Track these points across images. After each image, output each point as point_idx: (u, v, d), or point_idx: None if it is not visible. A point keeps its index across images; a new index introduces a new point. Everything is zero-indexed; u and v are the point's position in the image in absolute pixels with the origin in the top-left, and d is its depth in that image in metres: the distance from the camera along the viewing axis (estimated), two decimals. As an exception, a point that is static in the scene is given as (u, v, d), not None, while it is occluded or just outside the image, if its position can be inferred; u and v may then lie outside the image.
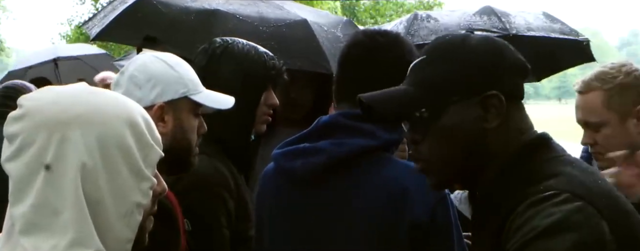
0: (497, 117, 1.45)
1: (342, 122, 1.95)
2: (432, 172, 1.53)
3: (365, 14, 23.24)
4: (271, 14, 3.78)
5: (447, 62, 1.48)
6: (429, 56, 1.52)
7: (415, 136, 1.51)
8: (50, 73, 7.64)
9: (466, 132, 1.46)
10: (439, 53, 1.52)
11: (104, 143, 1.17)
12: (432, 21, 4.55)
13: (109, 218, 1.17)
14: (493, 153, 1.47)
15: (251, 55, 2.33)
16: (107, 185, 1.17)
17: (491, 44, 1.51)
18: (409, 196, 1.86)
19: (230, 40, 2.39)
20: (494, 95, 1.45)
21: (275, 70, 2.35)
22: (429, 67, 1.50)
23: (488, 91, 1.45)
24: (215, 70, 2.30)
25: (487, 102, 1.45)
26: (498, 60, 1.48)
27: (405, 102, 1.50)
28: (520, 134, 1.48)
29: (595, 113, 2.33)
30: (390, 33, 2.06)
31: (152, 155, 1.24)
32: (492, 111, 1.45)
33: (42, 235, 1.13)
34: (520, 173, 1.43)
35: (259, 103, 2.32)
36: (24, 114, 1.18)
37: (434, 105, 1.47)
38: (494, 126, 1.46)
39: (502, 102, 1.45)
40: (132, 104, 1.26)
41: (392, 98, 1.54)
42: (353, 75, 2.00)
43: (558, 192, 1.34)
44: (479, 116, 1.46)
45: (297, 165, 1.95)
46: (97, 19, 3.99)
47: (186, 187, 2.10)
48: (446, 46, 1.52)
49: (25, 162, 1.15)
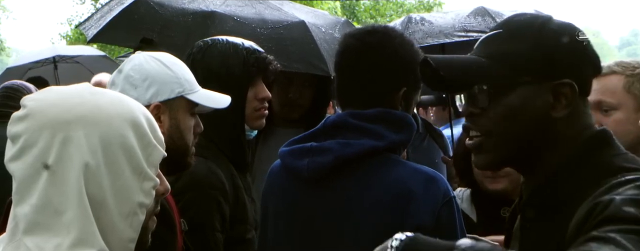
0: (566, 106, 1.40)
1: (349, 122, 1.94)
2: (488, 149, 1.46)
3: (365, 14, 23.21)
4: (269, 16, 3.77)
5: (524, 39, 1.41)
6: (506, 31, 1.45)
7: (473, 108, 1.45)
8: (49, 74, 7.64)
9: (532, 115, 1.40)
10: (517, 29, 1.45)
11: (106, 143, 1.17)
12: (426, 24, 4.51)
13: (112, 218, 1.18)
14: (555, 143, 1.41)
15: (228, 54, 2.32)
16: (110, 185, 1.17)
17: (572, 32, 1.44)
18: (414, 198, 1.85)
19: (210, 41, 2.38)
20: (568, 84, 1.39)
21: (257, 65, 2.33)
22: (505, 42, 1.43)
23: (563, 78, 1.39)
24: (195, 75, 2.28)
25: (559, 89, 1.39)
26: (578, 48, 1.42)
27: (476, 71, 1.43)
28: (585, 128, 1.42)
29: (614, 94, 2.30)
30: (378, 30, 2.05)
31: (154, 154, 1.24)
32: (562, 100, 1.40)
33: (46, 234, 1.14)
34: (590, 166, 1.37)
35: (244, 99, 2.31)
36: (27, 114, 1.18)
37: (505, 81, 1.41)
38: (560, 116, 1.40)
39: (574, 92, 1.39)
40: (135, 104, 1.26)
41: (463, 65, 1.46)
42: (351, 80, 2.00)
43: (636, 178, 1.27)
44: (547, 102, 1.40)
45: (304, 164, 1.95)
46: (93, 20, 3.98)
47: (181, 189, 2.10)
48: (525, 23, 1.45)
49: (28, 162, 1.16)
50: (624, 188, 1.24)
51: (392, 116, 1.94)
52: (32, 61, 8.22)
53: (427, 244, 1.18)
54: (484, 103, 1.43)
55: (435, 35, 4.34)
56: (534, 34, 1.42)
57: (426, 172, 1.91)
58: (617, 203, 1.21)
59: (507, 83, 1.41)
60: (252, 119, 2.36)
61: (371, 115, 1.92)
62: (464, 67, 1.46)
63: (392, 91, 1.95)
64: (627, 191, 1.23)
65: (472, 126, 1.48)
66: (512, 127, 1.41)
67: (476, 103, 1.45)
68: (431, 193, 1.84)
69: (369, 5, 23.71)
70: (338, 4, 20.83)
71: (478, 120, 1.45)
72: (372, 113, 1.92)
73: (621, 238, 1.14)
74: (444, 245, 1.18)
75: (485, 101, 1.43)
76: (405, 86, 1.95)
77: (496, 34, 1.46)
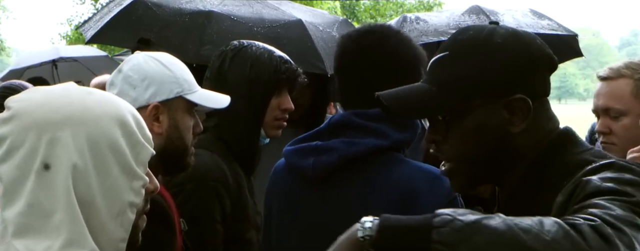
0: (523, 120, 1.38)
1: (354, 121, 1.94)
2: (457, 175, 1.46)
3: (365, 14, 23.19)
4: (266, 15, 3.78)
5: (469, 62, 1.40)
6: (451, 53, 1.43)
7: (435, 136, 1.45)
8: (48, 75, 7.64)
9: (491, 136, 1.39)
10: (462, 50, 1.43)
11: (94, 143, 1.16)
12: (421, 23, 4.50)
13: (102, 218, 1.17)
14: (520, 155, 1.40)
15: (262, 60, 2.32)
16: (99, 185, 1.16)
17: (517, 41, 1.41)
18: (419, 197, 1.85)
19: (246, 43, 2.39)
20: (521, 99, 1.37)
21: (287, 74, 2.34)
22: (451, 66, 1.42)
23: (514, 94, 1.37)
24: (225, 74, 2.31)
25: (513, 105, 1.38)
26: (524, 58, 1.39)
27: (426, 103, 1.43)
28: (548, 133, 1.42)
29: (621, 100, 2.27)
30: (375, 31, 2.04)
31: (143, 153, 1.23)
32: (518, 114, 1.38)
33: (35, 236, 1.13)
34: (556, 166, 1.37)
35: (266, 107, 2.32)
36: (13, 116, 1.17)
37: (456, 108, 1.40)
38: (518, 130, 1.39)
39: (528, 105, 1.38)
40: (122, 103, 1.25)
41: (411, 99, 1.46)
42: (351, 82, 2.00)
43: (613, 161, 1.27)
44: (503, 119, 1.39)
45: (308, 163, 1.94)
46: (92, 21, 4.00)
47: (182, 179, 2.11)
48: (469, 42, 1.43)
49: (15, 164, 1.15)
50: (601, 173, 1.25)
51: (391, 114, 1.94)
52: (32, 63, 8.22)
53: (399, 219, 1.21)
54: (444, 130, 1.43)
55: (431, 33, 4.33)
56: (477, 52, 1.40)
57: (431, 170, 1.91)
58: (596, 181, 1.22)
59: (461, 109, 1.39)
60: (271, 128, 2.36)
61: (375, 115, 1.92)
62: (413, 101, 1.45)
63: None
64: (604, 174, 1.24)
65: (438, 154, 1.48)
66: (474, 150, 1.41)
67: (437, 131, 1.45)
68: (436, 192, 1.84)
69: (369, 5, 23.69)
70: (338, 3, 20.81)
71: (441, 147, 1.45)
72: (376, 113, 1.92)
73: (607, 203, 1.16)
74: (418, 217, 1.20)
75: (445, 128, 1.42)
76: (401, 85, 1.96)
77: (442, 57, 1.45)
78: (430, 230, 1.15)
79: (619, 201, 1.16)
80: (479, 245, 1.12)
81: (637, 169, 1.25)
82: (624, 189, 1.18)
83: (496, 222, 1.13)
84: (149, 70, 1.92)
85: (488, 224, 1.13)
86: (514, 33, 1.44)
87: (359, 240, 1.22)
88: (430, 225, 1.16)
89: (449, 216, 1.16)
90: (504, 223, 1.13)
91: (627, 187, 1.19)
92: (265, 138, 2.41)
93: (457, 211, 1.18)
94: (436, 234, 1.14)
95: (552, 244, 1.09)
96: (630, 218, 1.13)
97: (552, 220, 1.13)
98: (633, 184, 1.21)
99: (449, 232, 1.14)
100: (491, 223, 1.13)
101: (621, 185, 1.20)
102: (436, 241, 1.14)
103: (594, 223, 1.12)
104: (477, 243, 1.12)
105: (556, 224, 1.12)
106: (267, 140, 2.43)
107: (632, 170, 1.25)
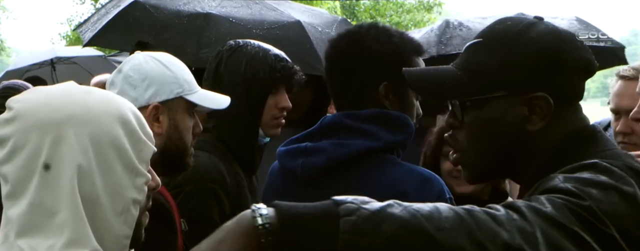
0: (542, 119, 1.35)
1: (345, 122, 1.94)
2: (467, 165, 1.44)
3: (365, 14, 23.18)
4: (265, 16, 3.77)
5: (500, 52, 1.37)
6: (485, 40, 1.41)
7: (454, 121, 1.43)
8: (47, 75, 7.64)
9: (507, 130, 1.37)
10: (494, 39, 1.40)
11: (97, 142, 1.17)
12: (464, 29, 4.33)
13: (106, 216, 1.17)
14: (535, 153, 1.37)
15: (257, 58, 2.32)
16: (102, 184, 1.17)
17: (552, 39, 1.37)
18: (408, 200, 1.81)
19: (242, 42, 2.39)
20: (542, 98, 1.34)
21: (283, 72, 2.33)
22: (481, 53, 1.39)
23: (536, 91, 1.34)
24: (222, 74, 2.31)
25: (533, 102, 1.35)
26: (554, 57, 1.35)
27: (449, 86, 1.40)
28: (568, 134, 1.37)
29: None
30: (351, 32, 2.03)
31: (145, 150, 1.24)
32: (537, 112, 1.35)
33: (39, 236, 1.13)
34: (559, 169, 1.32)
35: (263, 106, 2.32)
36: (15, 116, 1.17)
37: (477, 95, 1.37)
38: (537, 129, 1.36)
39: (549, 105, 1.34)
40: (122, 101, 1.26)
41: (435, 79, 1.43)
42: (334, 85, 2.01)
43: (595, 162, 1.24)
44: (522, 115, 1.36)
45: (298, 165, 1.95)
46: (90, 23, 3.98)
47: (181, 181, 2.12)
48: (503, 32, 1.39)
49: (19, 165, 1.15)
50: (578, 173, 1.23)
51: (387, 116, 1.93)
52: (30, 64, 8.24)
53: (295, 206, 1.15)
54: (460, 116, 1.41)
55: None
56: (508, 44, 1.37)
57: (421, 173, 1.90)
58: (558, 180, 1.21)
59: (482, 97, 1.37)
60: (269, 127, 2.36)
61: (366, 116, 1.92)
62: (436, 81, 1.43)
63: (370, 89, 1.93)
64: (578, 174, 1.22)
65: (450, 141, 1.46)
66: (487, 142, 1.39)
67: (456, 116, 1.43)
68: (425, 195, 1.82)
69: (369, 5, 23.68)
70: (338, 3, 20.81)
71: (456, 134, 1.43)
72: (367, 114, 1.92)
73: (544, 199, 1.15)
74: (316, 205, 1.15)
75: (460, 115, 1.41)
76: (386, 80, 1.93)
77: (476, 43, 1.42)
78: (337, 218, 1.12)
79: (563, 200, 1.15)
80: (388, 233, 1.10)
81: (618, 172, 1.22)
82: (580, 192, 1.16)
83: (399, 210, 1.13)
84: (150, 70, 1.92)
85: (393, 212, 1.12)
86: (552, 30, 1.40)
87: (256, 228, 1.15)
88: (336, 214, 1.12)
89: (354, 205, 1.14)
90: (407, 211, 1.13)
91: (592, 189, 1.17)
92: (264, 138, 2.40)
93: (358, 199, 1.16)
94: (344, 223, 1.11)
95: (451, 232, 1.10)
96: (555, 216, 1.12)
97: (446, 206, 1.15)
98: (602, 187, 1.18)
99: (356, 221, 1.11)
100: (395, 212, 1.12)
101: (583, 187, 1.17)
102: (345, 231, 1.10)
103: (496, 212, 1.13)
104: (386, 231, 1.10)
105: (451, 210, 1.13)
106: (266, 139, 2.42)
107: (612, 173, 1.22)
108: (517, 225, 1.11)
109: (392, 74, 1.90)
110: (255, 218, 1.16)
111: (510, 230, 1.10)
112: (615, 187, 1.19)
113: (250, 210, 1.17)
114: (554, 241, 1.11)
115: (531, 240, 1.10)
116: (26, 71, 8.04)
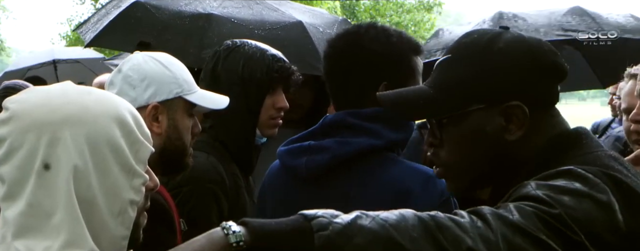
0: (520, 128, 1.36)
1: (347, 120, 1.94)
2: (450, 178, 1.45)
3: (365, 14, 23.20)
4: (266, 17, 3.77)
5: (469, 65, 1.38)
6: (453, 56, 1.42)
7: (433, 140, 1.44)
8: (49, 75, 7.64)
9: (486, 142, 1.37)
10: (463, 53, 1.41)
11: (93, 142, 1.16)
12: (519, 21, 4.21)
13: (103, 217, 1.17)
14: (522, 161, 1.37)
15: (254, 58, 2.32)
16: (99, 185, 1.16)
17: (520, 47, 1.38)
18: (412, 197, 1.84)
19: (239, 42, 2.39)
20: (516, 106, 1.35)
21: (280, 72, 2.33)
22: (451, 69, 1.40)
23: (510, 101, 1.35)
24: (219, 74, 2.31)
25: (508, 111, 1.36)
26: (525, 65, 1.36)
27: (423, 106, 1.41)
28: (549, 138, 1.38)
29: None
30: (350, 32, 2.03)
31: (142, 151, 1.23)
32: (514, 121, 1.36)
33: (36, 237, 1.12)
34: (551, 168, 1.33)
35: (260, 106, 2.32)
36: (11, 117, 1.16)
37: (451, 112, 1.38)
38: (516, 137, 1.36)
39: (525, 113, 1.35)
40: (120, 101, 1.25)
41: (409, 100, 1.44)
42: (334, 85, 2.01)
43: (570, 169, 1.24)
44: (499, 126, 1.36)
45: (301, 163, 1.94)
46: (91, 23, 3.97)
47: (180, 181, 2.12)
48: (471, 46, 1.41)
49: (16, 165, 1.14)
50: (552, 179, 1.23)
51: (389, 115, 1.92)
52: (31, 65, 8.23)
53: (266, 223, 1.19)
54: (441, 133, 1.41)
55: (532, 33, 4.00)
56: (478, 57, 1.38)
57: (424, 171, 1.90)
58: (530, 187, 1.22)
59: (457, 113, 1.38)
60: (266, 127, 2.36)
61: (369, 114, 1.92)
62: (410, 103, 1.43)
63: (370, 89, 1.92)
64: (552, 181, 1.23)
65: (433, 159, 1.46)
66: (467, 156, 1.40)
67: (435, 134, 1.43)
68: (429, 193, 1.83)
69: (369, 5, 23.69)
70: (338, 3, 20.82)
71: (437, 151, 1.44)
72: (369, 112, 1.92)
73: (513, 207, 1.17)
74: (288, 221, 1.19)
75: (441, 131, 1.41)
76: (385, 80, 1.92)
77: (444, 60, 1.43)
78: (310, 234, 1.15)
79: (532, 208, 1.17)
80: (361, 246, 1.14)
81: (592, 179, 1.22)
82: (551, 199, 1.17)
83: (368, 222, 1.16)
84: (149, 70, 1.91)
85: (363, 224, 1.15)
86: (519, 39, 1.41)
87: (230, 246, 1.17)
88: (309, 229, 1.16)
89: (325, 219, 1.17)
90: (376, 222, 1.15)
91: (564, 197, 1.18)
92: (261, 138, 2.39)
93: (327, 212, 1.19)
94: (318, 238, 1.14)
95: (420, 241, 1.13)
96: (520, 223, 1.14)
97: (411, 213, 1.17)
98: (575, 194, 1.19)
99: (330, 235, 1.15)
100: (365, 224, 1.15)
101: (554, 194, 1.18)
102: (320, 246, 1.14)
103: (460, 218, 1.16)
104: (359, 244, 1.14)
105: (416, 217, 1.16)
106: (263, 139, 2.41)
107: (586, 179, 1.22)
108: (480, 232, 1.14)
109: (391, 74, 1.91)
110: (227, 235, 1.18)
111: (473, 237, 1.13)
112: (589, 194, 1.20)
113: (221, 227, 1.19)
114: (516, 249, 1.14)
115: (493, 248, 1.13)
116: (28, 69, 8.04)
